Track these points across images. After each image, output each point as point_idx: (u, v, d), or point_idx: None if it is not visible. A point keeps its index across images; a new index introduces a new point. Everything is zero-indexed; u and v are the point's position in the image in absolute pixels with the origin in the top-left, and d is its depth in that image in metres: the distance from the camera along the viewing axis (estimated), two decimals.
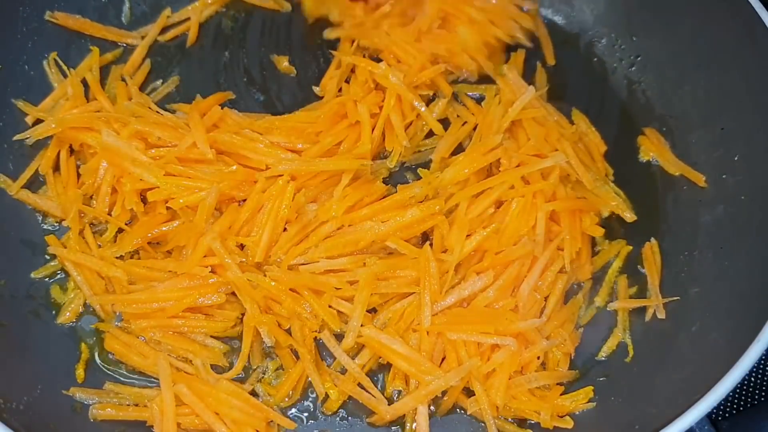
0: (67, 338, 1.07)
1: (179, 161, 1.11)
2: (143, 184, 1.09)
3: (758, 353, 0.88)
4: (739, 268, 1.04)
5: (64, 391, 1.01)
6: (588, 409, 1.02)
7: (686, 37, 1.21)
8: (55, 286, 1.10)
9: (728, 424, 1.11)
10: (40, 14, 1.23)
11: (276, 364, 1.06)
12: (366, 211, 1.10)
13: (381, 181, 1.14)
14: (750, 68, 1.11)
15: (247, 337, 1.04)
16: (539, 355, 1.04)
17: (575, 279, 1.12)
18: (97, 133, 1.13)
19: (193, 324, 1.06)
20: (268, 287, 1.05)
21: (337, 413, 1.03)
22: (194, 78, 1.28)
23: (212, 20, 1.35)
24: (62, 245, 1.11)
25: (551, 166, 1.12)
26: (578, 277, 1.12)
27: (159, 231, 1.10)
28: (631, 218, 1.16)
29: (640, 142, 1.24)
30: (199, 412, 0.98)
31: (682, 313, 1.06)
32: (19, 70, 1.21)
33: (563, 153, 1.14)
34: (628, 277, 1.13)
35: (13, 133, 1.16)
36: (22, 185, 1.15)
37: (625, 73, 1.30)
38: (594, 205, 1.15)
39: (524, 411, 1.01)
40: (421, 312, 1.03)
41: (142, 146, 1.12)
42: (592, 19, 1.34)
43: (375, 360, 1.05)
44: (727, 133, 1.14)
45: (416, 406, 1.00)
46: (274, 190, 1.10)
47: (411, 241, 1.10)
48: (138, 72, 1.27)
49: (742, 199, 1.09)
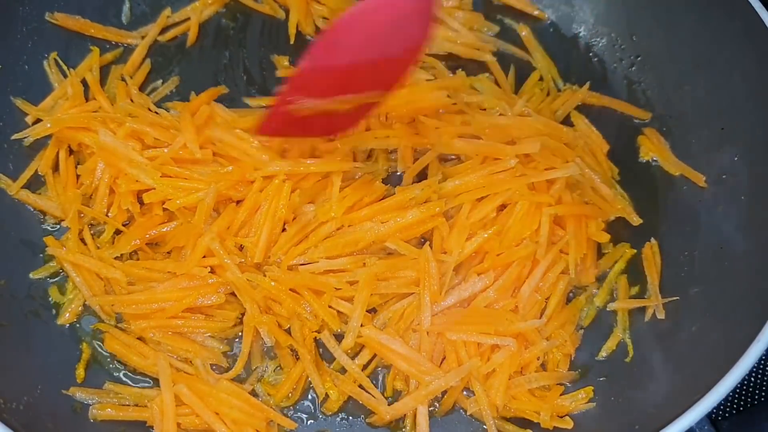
0: (68, 338, 1.07)
1: (175, 162, 1.11)
2: (140, 185, 1.09)
3: (758, 353, 0.88)
4: (739, 268, 1.04)
5: (64, 391, 1.01)
6: (588, 409, 1.02)
7: (686, 37, 1.21)
8: (54, 288, 1.10)
9: (728, 424, 1.11)
10: (40, 14, 1.23)
11: (276, 364, 1.06)
12: (366, 212, 1.10)
13: (380, 182, 1.14)
14: (750, 68, 1.11)
15: (247, 337, 1.04)
16: (539, 355, 1.04)
17: (578, 282, 1.12)
18: (94, 133, 1.13)
19: (192, 324, 1.06)
20: (267, 287, 1.05)
21: (337, 413, 1.03)
22: (194, 78, 1.28)
23: (212, 20, 1.35)
24: (61, 246, 1.11)
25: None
26: (581, 281, 1.12)
27: (157, 232, 1.10)
28: (637, 222, 1.16)
29: (640, 142, 1.24)
30: (199, 412, 0.98)
31: (682, 313, 1.06)
32: (19, 70, 1.20)
33: (576, 166, 1.13)
34: (628, 278, 1.13)
35: (13, 133, 1.16)
36: (22, 185, 1.15)
37: (625, 73, 1.30)
38: (601, 212, 1.14)
39: (524, 411, 1.01)
40: (421, 312, 1.03)
41: (139, 147, 1.12)
42: (592, 18, 1.34)
43: (377, 361, 1.05)
44: (727, 133, 1.14)
45: (416, 407, 1.00)
46: (270, 190, 1.10)
47: (411, 242, 1.10)
48: (138, 72, 1.27)
49: (742, 199, 1.09)
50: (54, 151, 1.16)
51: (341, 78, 0.94)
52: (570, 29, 1.36)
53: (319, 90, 0.95)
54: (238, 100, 1.26)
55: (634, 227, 1.16)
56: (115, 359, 1.05)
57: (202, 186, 1.09)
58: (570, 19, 1.36)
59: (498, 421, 1.01)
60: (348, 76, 0.94)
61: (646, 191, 1.20)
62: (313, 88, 0.95)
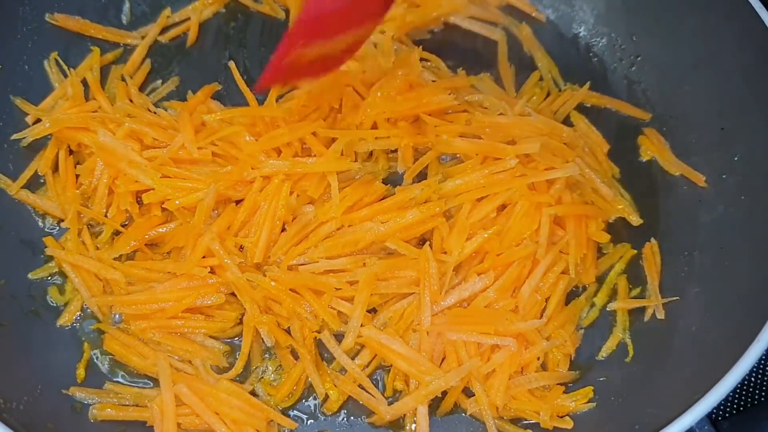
0: (68, 338, 1.07)
1: (174, 162, 1.11)
2: (139, 186, 1.09)
3: (758, 353, 0.88)
4: (739, 268, 1.04)
5: (64, 390, 1.01)
6: (588, 409, 1.02)
7: (686, 37, 1.21)
8: (53, 288, 1.09)
9: (728, 424, 1.11)
10: (41, 14, 1.23)
11: (276, 364, 1.06)
12: (366, 212, 1.10)
13: (380, 182, 1.14)
14: (750, 68, 1.11)
15: (247, 337, 1.04)
16: (539, 356, 1.04)
17: (578, 282, 1.12)
18: (93, 133, 1.13)
19: (192, 324, 1.06)
20: (267, 287, 1.05)
21: (337, 413, 1.03)
22: (194, 78, 1.28)
23: (212, 20, 1.35)
24: (61, 246, 1.11)
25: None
26: (581, 281, 1.12)
27: (156, 233, 1.10)
28: (637, 222, 1.16)
29: (640, 142, 1.24)
30: (199, 412, 0.98)
31: (682, 313, 1.06)
32: (19, 70, 1.21)
33: (576, 166, 1.13)
34: (628, 278, 1.13)
35: (14, 132, 1.17)
36: (22, 185, 1.15)
37: (625, 73, 1.30)
38: (601, 212, 1.14)
39: (524, 411, 1.01)
40: (421, 312, 1.03)
41: (138, 147, 1.12)
42: (592, 19, 1.34)
43: (377, 361, 1.05)
44: (727, 133, 1.14)
45: (416, 406, 1.00)
46: (269, 190, 1.10)
47: (411, 242, 1.10)
48: (138, 72, 1.27)
49: (742, 199, 1.09)
50: (54, 152, 1.16)
51: (339, 16, 0.95)
52: (570, 29, 1.36)
53: (321, 32, 0.95)
54: (238, 99, 1.26)
55: (634, 227, 1.16)
56: (115, 360, 1.05)
57: (201, 186, 1.09)
58: (570, 19, 1.36)
59: (498, 421, 1.01)
60: (345, 13, 0.95)
61: (646, 191, 1.20)
62: (315, 32, 0.94)
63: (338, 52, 1.00)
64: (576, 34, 1.35)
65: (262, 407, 1.01)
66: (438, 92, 1.18)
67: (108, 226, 1.12)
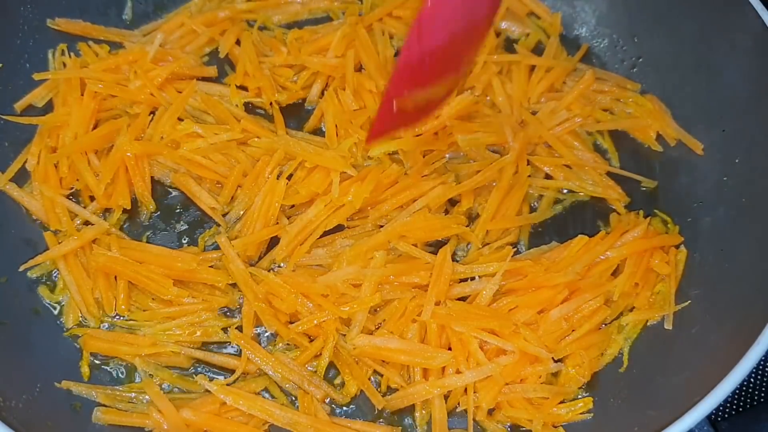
0: (68, 337, 1.06)
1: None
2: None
3: (758, 356, 0.88)
4: (740, 270, 1.04)
5: (56, 383, 1.01)
6: (587, 410, 1.02)
7: (688, 38, 1.21)
8: (44, 287, 1.09)
9: (727, 425, 1.11)
10: (42, 13, 1.23)
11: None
12: (386, 194, 1.13)
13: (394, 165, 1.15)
14: (751, 70, 1.11)
15: (247, 327, 1.05)
16: (542, 374, 1.02)
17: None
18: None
19: (189, 309, 1.06)
20: (270, 282, 1.05)
21: (350, 404, 1.03)
22: None
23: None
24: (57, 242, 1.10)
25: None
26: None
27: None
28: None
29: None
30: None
31: (683, 315, 1.06)
32: (20, 69, 1.21)
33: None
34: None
35: (14, 131, 1.17)
36: (9, 178, 1.14)
37: (626, 75, 1.30)
38: (667, 240, 1.12)
39: (518, 419, 1.00)
40: (426, 304, 1.02)
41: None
42: (593, 20, 1.34)
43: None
44: (728, 135, 1.14)
45: (429, 396, 0.99)
46: (266, 190, 1.11)
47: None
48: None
49: (742, 201, 1.09)
50: (39, 147, 1.16)
51: (440, 58, 0.89)
52: (571, 30, 1.36)
53: (422, 77, 0.90)
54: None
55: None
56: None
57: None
58: (571, 20, 1.36)
59: (495, 425, 1.01)
60: (445, 54, 0.90)
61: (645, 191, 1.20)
62: (417, 77, 0.89)
63: (442, 94, 0.95)
64: (577, 36, 1.35)
65: (263, 407, 0.99)
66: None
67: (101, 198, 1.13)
